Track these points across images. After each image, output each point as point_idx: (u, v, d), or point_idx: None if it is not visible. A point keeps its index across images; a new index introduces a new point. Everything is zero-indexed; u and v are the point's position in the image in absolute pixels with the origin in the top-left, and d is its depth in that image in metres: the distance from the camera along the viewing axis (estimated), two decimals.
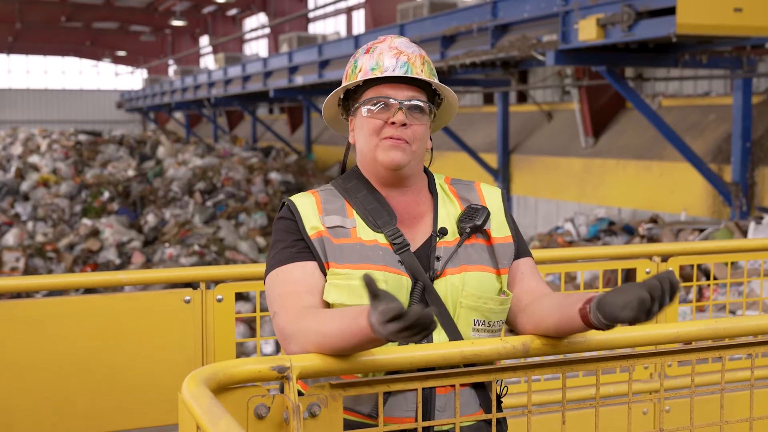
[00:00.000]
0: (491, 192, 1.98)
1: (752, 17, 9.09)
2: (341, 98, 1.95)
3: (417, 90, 1.87)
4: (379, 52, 1.88)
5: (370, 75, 1.86)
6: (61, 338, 2.91)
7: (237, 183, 21.36)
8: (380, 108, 1.85)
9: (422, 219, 1.91)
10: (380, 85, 1.86)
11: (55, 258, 16.94)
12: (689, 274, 7.99)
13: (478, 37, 12.81)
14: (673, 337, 1.85)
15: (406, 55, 1.87)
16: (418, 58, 1.88)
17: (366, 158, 1.89)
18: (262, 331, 10.36)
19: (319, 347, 1.65)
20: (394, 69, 1.85)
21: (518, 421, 2.47)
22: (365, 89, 1.88)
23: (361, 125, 1.88)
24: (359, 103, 1.88)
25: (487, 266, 1.87)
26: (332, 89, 20.43)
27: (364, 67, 1.88)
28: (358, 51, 1.94)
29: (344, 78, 1.94)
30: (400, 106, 1.84)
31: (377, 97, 1.85)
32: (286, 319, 1.74)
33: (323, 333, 1.64)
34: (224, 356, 3.00)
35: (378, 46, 1.90)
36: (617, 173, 14.70)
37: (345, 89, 1.92)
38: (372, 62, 1.87)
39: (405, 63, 1.86)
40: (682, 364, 3.55)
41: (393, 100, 1.84)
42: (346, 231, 1.84)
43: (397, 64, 1.86)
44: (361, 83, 1.88)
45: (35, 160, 25.20)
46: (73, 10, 40.39)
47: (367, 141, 1.87)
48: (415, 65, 1.87)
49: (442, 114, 1.98)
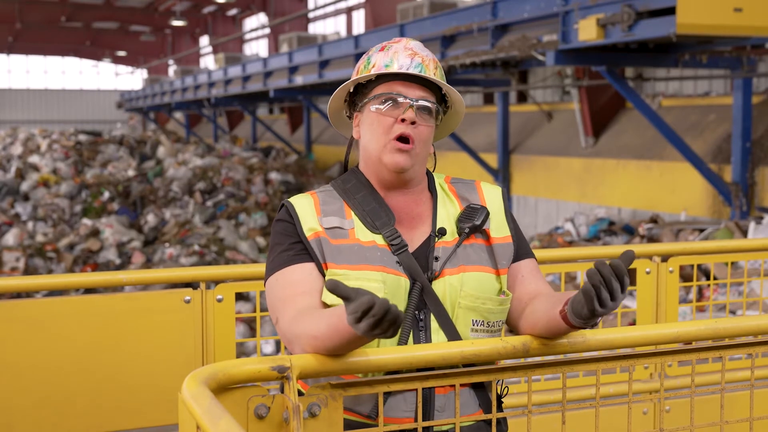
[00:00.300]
0: (491, 191, 1.97)
1: (752, 17, 9.10)
2: (348, 94, 1.95)
3: (428, 91, 1.88)
4: (395, 50, 1.89)
5: (384, 71, 1.87)
6: (61, 338, 2.91)
7: (237, 183, 21.36)
8: (390, 105, 1.86)
9: (421, 219, 1.90)
10: (392, 83, 1.87)
11: (55, 258, 16.94)
12: (689, 274, 7.99)
13: (478, 37, 12.81)
14: (673, 337, 1.85)
15: (421, 57, 1.89)
16: (432, 62, 1.90)
17: (370, 156, 1.89)
18: (262, 331, 10.36)
19: (315, 350, 1.65)
20: (408, 68, 1.86)
21: (518, 421, 2.47)
22: (376, 85, 1.88)
23: (370, 121, 1.88)
24: (369, 98, 1.89)
25: (486, 266, 1.87)
26: (332, 89, 20.28)
27: (378, 63, 1.89)
28: (372, 48, 1.95)
29: (355, 73, 1.94)
30: (411, 104, 1.84)
31: (389, 93, 1.86)
32: (286, 324, 1.75)
33: (314, 336, 1.65)
34: (224, 356, 3.00)
35: (393, 45, 1.91)
36: (617, 173, 14.71)
37: (356, 83, 1.92)
38: (387, 59, 1.88)
39: (419, 63, 1.87)
40: (682, 364, 3.55)
41: (404, 98, 1.85)
42: (344, 232, 1.84)
43: (411, 63, 1.87)
44: (374, 78, 1.89)
45: (35, 160, 25.20)
46: (73, 10, 40.40)
47: (376, 139, 1.86)
48: (429, 67, 1.88)
49: (448, 121, 1.99)
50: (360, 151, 1.94)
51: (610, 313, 2.04)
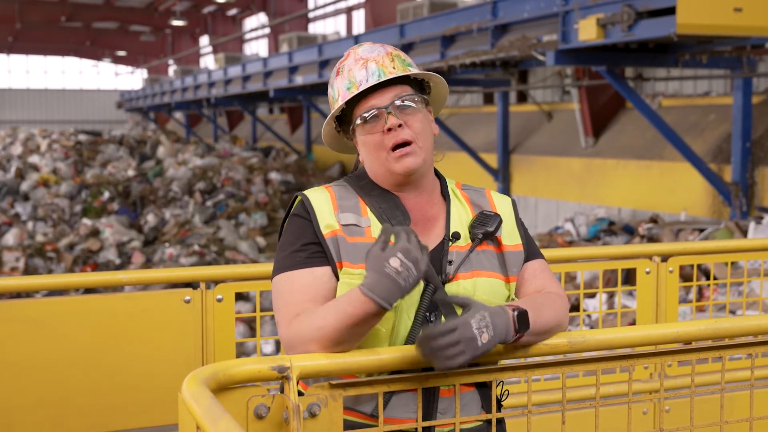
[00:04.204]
0: (502, 200, 1.98)
1: (752, 17, 9.09)
2: (337, 125, 1.95)
3: (399, 87, 1.86)
4: (348, 68, 1.88)
5: (348, 96, 1.85)
6: (61, 338, 2.92)
7: (237, 183, 21.36)
8: (373, 121, 1.84)
9: (435, 222, 1.90)
10: (364, 100, 1.85)
11: (55, 258, 16.94)
12: (689, 274, 7.99)
13: (478, 37, 12.80)
14: (673, 337, 1.85)
15: (374, 61, 1.86)
16: (386, 57, 1.87)
17: (378, 172, 1.88)
18: (262, 331, 10.36)
19: (320, 342, 1.66)
20: (367, 79, 1.84)
21: (518, 421, 2.47)
22: (353, 108, 1.87)
23: (363, 143, 1.88)
24: (353, 124, 1.88)
25: (497, 273, 1.87)
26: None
27: (341, 89, 1.88)
28: (331, 76, 1.93)
29: (329, 105, 1.94)
30: (388, 111, 1.83)
31: (364, 111, 1.85)
32: (285, 328, 1.74)
33: (320, 326, 1.66)
34: (224, 356, 3.00)
35: (344, 63, 1.90)
36: (617, 173, 14.70)
37: (334, 116, 1.91)
38: (345, 82, 1.87)
39: (375, 69, 1.85)
40: (682, 364, 3.55)
41: (379, 108, 1.84)
42: (360, 230, 1.83)
43: (367, 73, 1.85)
44: (345, 106, 1.88)
45: (35, 160, 25.21)
46: (73, 10, 40.39)
47: (376, 157, 1.86)
48: (385, 66, 1.85)
49: (436, 96, 1.97)
50: (367, 169, 1.93)
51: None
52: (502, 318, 1.67)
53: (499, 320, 1.67)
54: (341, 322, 1.64)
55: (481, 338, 1.62)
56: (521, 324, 1.69)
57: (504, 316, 1.68)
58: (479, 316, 1.64)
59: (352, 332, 1.65)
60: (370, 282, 1.62)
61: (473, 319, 1.63)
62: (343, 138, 1.96)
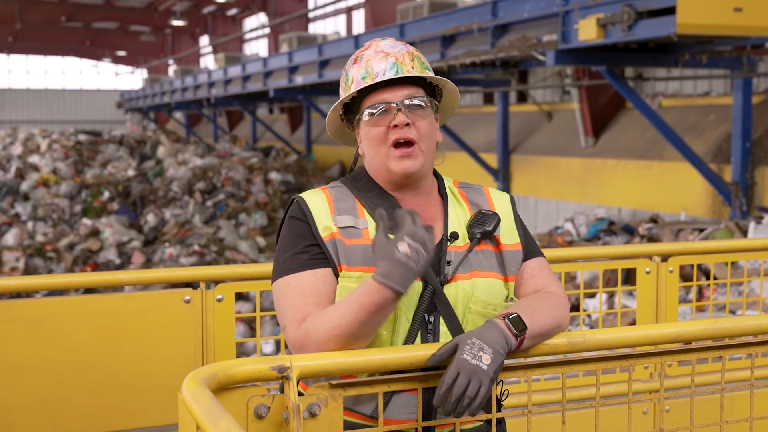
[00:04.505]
0: (500, 197, 1.96)
1: (752, 17, 9.09)
2: (342, 113, 1.94)
3: (413, 87, 1.86)
4: (367, 59, 1.86)
5: (362, 84, 1.84)
6: (61, 338, 2.91)
7: (237, 183, 21.36)
8: (380, 114, 1.83)
9: (432, 222, 1.88)
10: (376, 92, 1.85)
11: (55, 258, 16.93)
12: (689, 274, 7.99)
13: (478, 37, 12.80)
14: (673, 337, 1.85)
15: (394, 56, 1.85)
16: (406, 55, 1.86)
17: (377, 168, 1.87)
18: (262, 331, 10.36)
19: (338, 339, 1.66)
20: (384, 72, 1.83)
21: (518, 421, 2.47)
22: (362, 99, 1.87)
23: (366, 135, 1.87)
24: (359, 114, 1.87)
25: (496, 273, 1.86)
26: (332, 89, 20.22)
27: (355, 77, 1.86)
28: (347, 63, 1.92)
29: (340, 92, 1.93)
30: (399, 108, 1.82)
31: (374, 103, 1.84)
32: (294, 330, 1.73)
33: (337, 324, 1.66)
34: (224, 356, 3.00)
35: (365, 53, 1.88)
36: (617, 173, 14.70)
37: (343, 103, 1.91)
38: (362, 71, 1.86)
39: (394, 64, 1.84)
40: (682, 364, 3.55)
41: (390, 103, 1.83)
42: (358, 231, 1.82)
43: (386, 66, 1.84)
44: (356, 94, 1.87)
45: (35, 160, 25.20)
46: (73, 10, 40.39)
47: (376, 150, 1.85)
48: (405, 64, 1.85)
49: (446, 104, 1.96)
50: (366, 164, 1.92)
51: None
52: (491, 331, 1.66)
53: (490, 334, 1.66)
54: (359, 315, 1.65)
55: (483, 361, 1.62)
56: (517, 326, 1.69)
57: (493, 328, 1.67)
58: (467, 345, 1.63)
59: (371, 324, 1.66)
60: (384, 270, 1.63)
61: (464, 353, 1.62)
62: (346, 128, 1.96)
